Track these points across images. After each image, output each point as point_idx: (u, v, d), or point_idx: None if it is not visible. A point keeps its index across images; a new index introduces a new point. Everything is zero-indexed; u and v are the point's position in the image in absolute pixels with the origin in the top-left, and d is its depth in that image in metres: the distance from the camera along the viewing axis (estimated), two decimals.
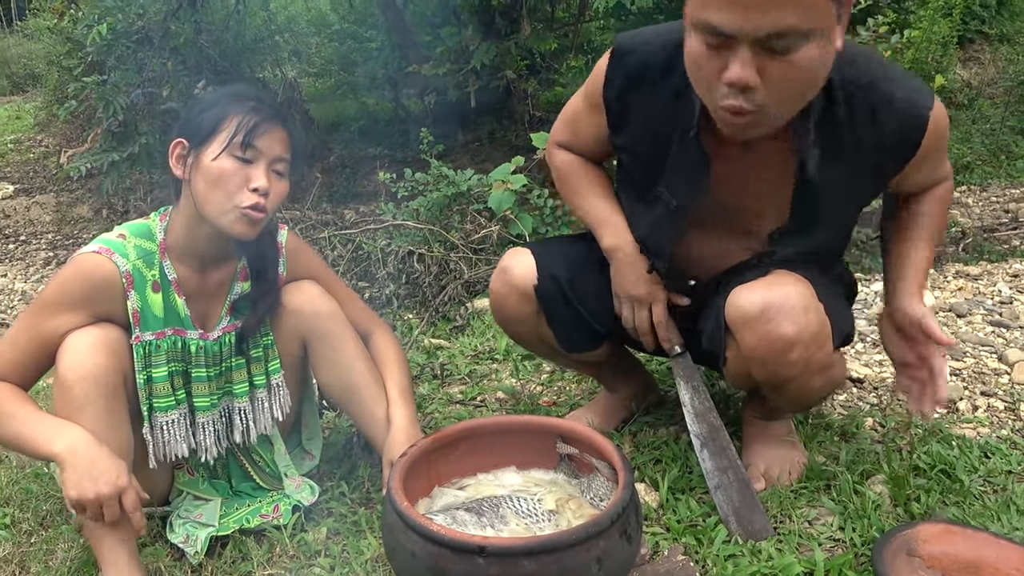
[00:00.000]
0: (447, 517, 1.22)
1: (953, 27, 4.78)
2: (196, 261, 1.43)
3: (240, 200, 1.33)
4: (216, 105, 1.36)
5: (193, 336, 1.44)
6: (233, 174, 1.33)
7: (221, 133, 1.33)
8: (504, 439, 1.36)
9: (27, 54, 9.92)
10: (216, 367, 1.48)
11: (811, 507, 1.43)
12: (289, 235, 1.56)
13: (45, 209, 5.28)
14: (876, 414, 1.76)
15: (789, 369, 1.29)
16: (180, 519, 1.48)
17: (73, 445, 1.23)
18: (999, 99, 5.31)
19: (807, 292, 1.27)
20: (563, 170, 1.56)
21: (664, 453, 1.63)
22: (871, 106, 1.22)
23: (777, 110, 1.12)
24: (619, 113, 1.39)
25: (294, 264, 1.55)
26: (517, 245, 1.57)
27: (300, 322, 1.51)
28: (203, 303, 1.46)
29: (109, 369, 1.30)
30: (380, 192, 4.61)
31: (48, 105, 6.59)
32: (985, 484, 1.47)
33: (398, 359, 1.59)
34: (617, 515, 1.07)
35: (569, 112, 1.52)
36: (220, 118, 1.34)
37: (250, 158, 1.34)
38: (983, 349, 2.09)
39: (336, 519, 1.52)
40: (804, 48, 1.05)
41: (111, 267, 1.34)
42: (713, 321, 1.37)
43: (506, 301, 1.53)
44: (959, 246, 3.31)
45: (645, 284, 1.46)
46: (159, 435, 1.42)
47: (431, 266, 2.94)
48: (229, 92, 1.39)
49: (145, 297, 1.38)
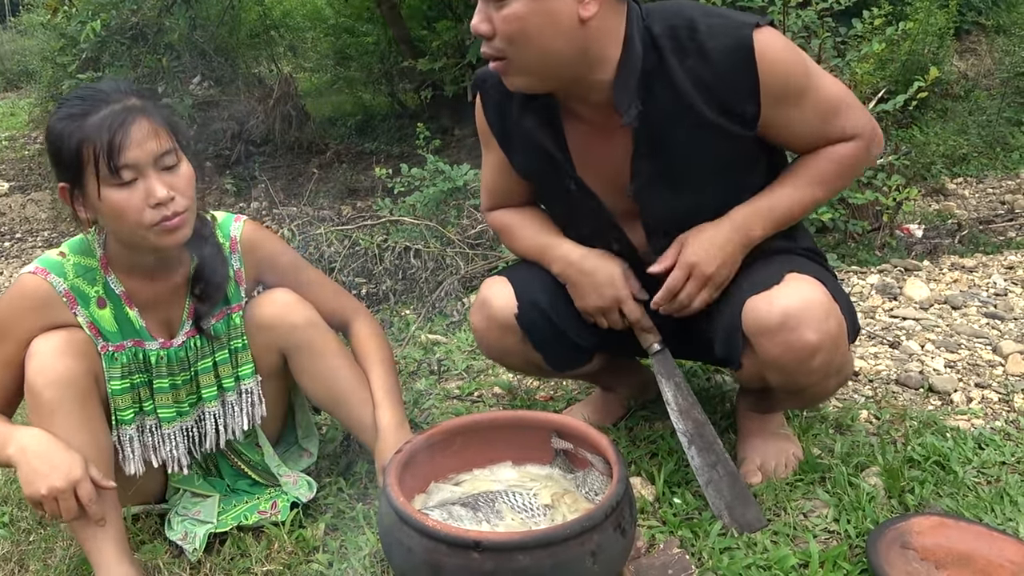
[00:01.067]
0: (443, 512, 1.23)
1: (949, 18, 4.78)
2: (144, 272, 1.38)
3: (147, 220, 1.24)
4: (64, 136, 1.23)
5: (153, 346, 1.40)
6: (126, 202, 1.23)
7: (87, 167, 1.22)
8: (499, 434, 1.37)
9: (21, 50, 9.87)
10: (184, 373, 1.45)
11: (806, 499, 1.43)
12: (246, 227, 1.49)
13: (40, 206, 5.27)
14: (871, 407, 1.77)
15: (809, 376, 1.30)
16: (178, 516, 1.49)
17: (23, 445, 1.23)
18: (995, 90, 5.30)
19: (825, 296, 1.26)
20: (499, 226, 1.58)
21: (660, 447, 1.63)
22: (698, 44, 1.24)
23: (518, 58, 1.24)
24: (504, 134, 1.45)
25: (252, 258, 1.49)
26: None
27: (276, 336, 1.47)
28: (161, 311, 1.42)
29: (78, 370, 1.29)
30: (377, 187, 4.61)
31: (42, 102, 6.55)
32: (979, 476, 1.48)
33: (380, 354, 1.54)
34: (611, 509, 1.08)
35: (483, 176, 1.59)
36: (75, 151, 1.22)
37: (131, 177, 1.23)
38: (978, 341, 2.10)
39: (334, 515, 1.52)
40: (512, 2, 1.19)
41: (47, 287, 1.32)
42: (727, 328, 1.35)
43: (488, 334, 1.50)
44: (955, 238, 3.31)
45: (606, 289, 1.41)
46: (127, 446, 1.40)
47: (428, 261, 2.94)
48: (66, 115, 1.24)
49: (91, 313, 1.35)
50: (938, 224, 3.60)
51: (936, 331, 2.18)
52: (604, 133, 1.35)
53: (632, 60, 1.26)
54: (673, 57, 1.26)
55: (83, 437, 1.27)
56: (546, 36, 1.21)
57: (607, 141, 1.35)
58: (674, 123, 1.28)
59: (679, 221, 1.37)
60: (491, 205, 1.59)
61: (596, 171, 1.39)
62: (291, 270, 1.53)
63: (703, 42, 1.24)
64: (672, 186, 1.34)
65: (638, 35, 1.26)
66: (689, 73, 1.25)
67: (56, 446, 1.23)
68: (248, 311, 1.48)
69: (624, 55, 1.26)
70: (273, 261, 1.52)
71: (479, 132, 1.52)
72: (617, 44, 1.26)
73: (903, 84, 3.75)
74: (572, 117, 1.37)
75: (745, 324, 1.29)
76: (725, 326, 1.35)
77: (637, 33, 1.26)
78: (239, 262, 1.48)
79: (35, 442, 1.24)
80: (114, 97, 1.25)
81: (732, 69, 1.24)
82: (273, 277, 1.52)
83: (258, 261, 1.50)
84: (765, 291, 1.28)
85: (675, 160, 1.32)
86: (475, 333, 1.53)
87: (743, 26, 1.24)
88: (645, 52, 1.26)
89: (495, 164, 1.53)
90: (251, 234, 1.50)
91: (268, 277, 1.52)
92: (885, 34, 3.07)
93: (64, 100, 1.30)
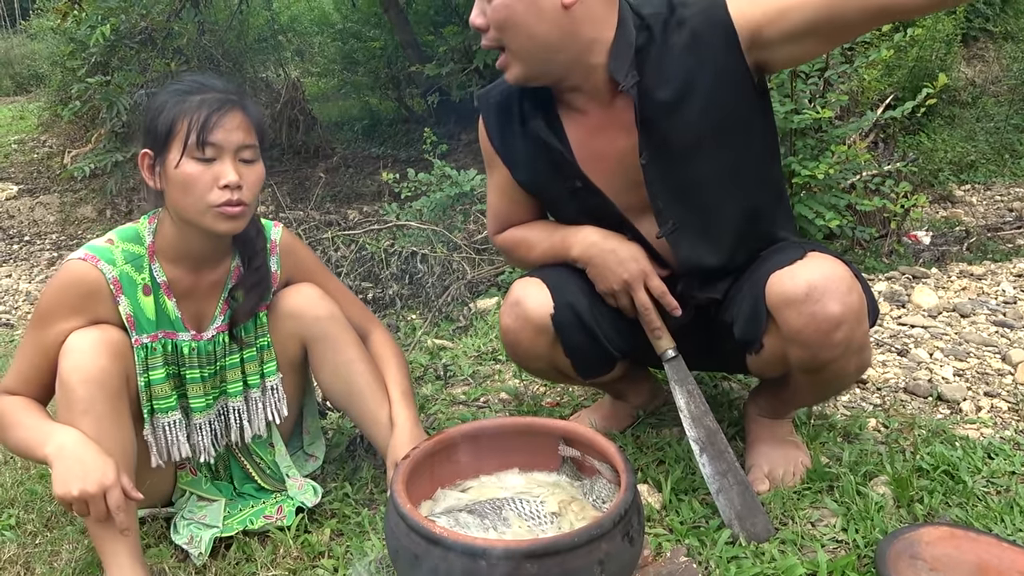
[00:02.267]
0: (450, 519, 1.22)
1: (957, 25, 4.78)
2: (190, 262, 1.43)
3: (213, 199, 1.31)
4: (165, 108, 1.33)
5: (185, 338, 1.44)
6: (199, 176, 1.31)
7: (177, 137, 1.31)
8: (506, 441, 1.37)
9: (31, 55, 9.93)
10: (211, 366, 1.48)
11: (814, 508, 1.43)
12: (284, 233, 1.56)
13: (49, 209, 5.30)
14: (879, 415, 1.76)
15: (832, 350, 1.29)
16: (184, 520, 1.49)
17: (61, 444, 1.25)
18: (1003, 97, 5.29)
19: (846, 271, 1.29)
20: (509, 241, 1.60)
21: (667, 454, 1.63)
22: (679, 18, 1.35)
23: (513, 48, 1.32)
24: (506, 147, 1.50)
25: (288, 262, 1.55)
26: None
27: (299, 325, 1.51)
28: (196, 303, 1.46)
29: (112, 371, 1.31)
30: (383, 192, 4.62)
31: (52, 106, 6.60)
32: (988, 485, 1.47)
33: (397, 359, 1.60)
34: (619, 517, 1.07)
35: (489, 201, 1.62)
36: (172, 121, 1.31)
37: (212, 156, 1.31)
38: (987, 349, 2.09)
39: (340, 520, 1.52)
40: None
41: (97, 274, 1.35)
42: (749, 305, 1.36)
43: (520, 335, 1.48)
44: (963, 245, 3.30)
45: (631, 263, 1.43)
46: (161, 436, 1.43)
47: (434, 266, 2.95)
48: (174, 90, 1.36)
49: (136, 301, 1.38)
50: (946, 231, 3.59)
51: (945, 339, 2.17)
52: (606, 122, 1.40)
53: (626, 38, 1.34)
54: (661, 33, 1.35)
55: (112, 438, 1.29)
56: (531, 22, 1.29)
57: (609, 130, 1.40)
58: (670, 94, 1.34)
59: (687, 193, 1.40)
60: (498, 228, 1.62)
61: (601, 165, 1.42)
62: (318, 277, 1.59)
63: (682, 14, 1.35)
64: (678, 157, 1.37)
65: (630, 18, 1.35)
66: (673, 47, 1.34)
67: (92, 450, 1.25)
68: (274, 301, 1.53)
69: (617, 35, 1.34)
70: (304, 267, 1.58)
71: (484, 154, 1.56)
72: (609, 28, 1.34)
73: (911, 91, 3.74)
74: (573, 113, 1.42)
75: (769, 297, 1.31)
76: (747, 304, 1.37)
77: (629, 17, 1.35)
78: (276, 265, 1.54)
79: (72, 443, 1.25)
80: (220, 87, 1.37)
81: (711, 30, 1.32)
82: (301, 281, 1.57)
83: (292, 265, 1.56)
84: (788, 266, 1.30)
85: (676, 130, 1.36)
86: (505, 334, 1.51)
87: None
88: (637, 32, 1.35)
89: (500, 185, 1.56)
90: (288, 240, 1.56)
91: (296, 281, 1.58)
92: (893, 40, 3.07)
93: (176, 81, 1.42)
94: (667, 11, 1.36)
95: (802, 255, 1.32)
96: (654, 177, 1.39)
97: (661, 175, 1.39)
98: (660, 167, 1.38)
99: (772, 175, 1.49)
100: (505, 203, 1.58)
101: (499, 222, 1.61)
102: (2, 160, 6.37)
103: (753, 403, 1.60)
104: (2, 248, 4.71)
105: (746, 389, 1.87)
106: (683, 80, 1.33)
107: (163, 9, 5.32)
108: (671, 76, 1.34)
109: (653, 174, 1.38)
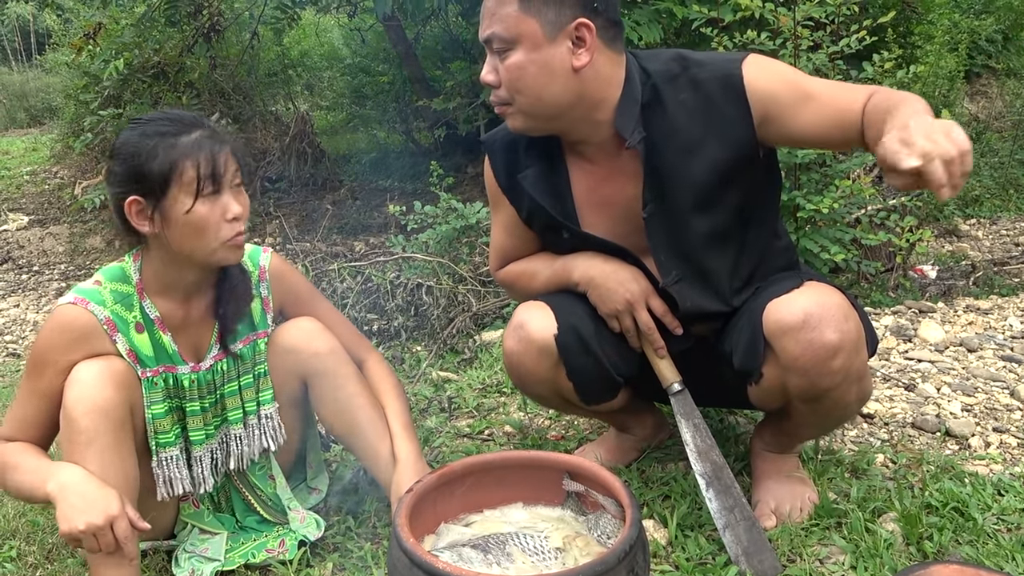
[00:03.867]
0: (453, 554, 1.21)
1: (960, 62, 4.82)
2: (179, 294, 1.43)
3: (224, 235, 1.35)
4: (157, 152, 1.30)
5: (184, 371, 1.44)
6: (210, 216, 1.33)
7: (181, 181, 1.30)
8: (510, 474, 1.35)
9: (45, 88, 10.10)
10: (211, 396, 1.48)
11: (822, 545, 1.41)
12: (273, 258, 1.57)
13: (59, 240, 5.34)
14: (887, 450, 1.74)
15: (831, 378, 1.29)
16: (186, 553, 1.48)
17: (62, 482, 1.24)
18: (1007, 132, 5.32)
19: (843, 300, 1.30)
20: (511, 274, 1.62)
21: (673, 489, 1.61)
22: (690, 76, 1.37)
23: (519, 104, 1.35)
24: (513, 190, 1.51)
25: (279, 288, 1.55)
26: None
27: (299, 361, 1.50)
28: (192, 334, 1.46)
29: (117, 401, 1.31)
30: (390, 224, 4.64)
31: (64, 137, 6.69)
32: (999, 522, 1.45)
33: (396, 390, 1.59)
34: (624, 553, 1.06)
35: (493, 238, 1.64)
36: (170, 166, 1.30)
37: (216, 190, 1.34)
38: (994, 384, 2.07)
39: (342, 554, 1.51)
40: (512, 54, 1.31)
41: (88, 317, 1.35)
42: (748, 335, 1.37)
43: (523, 357, 1.48)
44: (969, 280, 3.29)
45: (632, 284, 1.43)
46: (164, 470, 1.42)
47: (440, 298, 2.95)
48: (153, 132, 1.32)
49: (131, 339, 1.38)
50: (952, 265, 3.58)
51: (952, 374, 2.16)
52: (613, 172, 1.43)
53: (632, 94, 1.37)
54: (669, 90, 1.37)
55: (116, 469, 1.29)
56: (541, 83, 1.32)
57: (617, 179, 1.42)
58: (676, 152, 1.37)
59: (688, 248, 1.42)
60: (500, 264, 1.64)
61: (607, 211, 1.44)
62: (310, 303, 1.59)
63: (695, 74, 1.37)
64: (679, 213, 1.39)
65: (637, 76, 1.38)
66: (682, 105, 1.36)
67: (94, 483, 1.24)
68: (273, 336, 1.53)
69: (624, 91, 1.37)
70: (296, 292, 1.58)
71: (489, 193, 1.58)
72: (616, 86, 1.37)
73: None
74: (580, 161, 1.44)
75: (766, 326, 1.32)
76: (745, 334, 1.37)
77: (637, 74, 1.38)
78: (267, 290, 1.54)
79: (74, 480, 1.25)
80: (191, 119, 1.37)
81: (725, 98, 1.34)
82: (294, 308, 1.58)
83: (284, 291, 1.56)
84: (785, 294, 1.32)
85: (679, 187, 1.38)
86: (508, 357, 1.51)
87: (732, 60, 1.37)
88: (643, 88, 1.38)
89: (505, 223, 1.58)
90: (278, 265, 1.57)
91: (289, 308, 1.58)
92: (896, 77, 3.09)
93: (144, 120, 1.37)
94: (679, 68, 1.38)
95: (799, 284, 1.34)
96: (655, 230, 1.41)
97: (664, 229, 1.41)
98: (662, 221, 1.40)
99: (776, 225, 1.53)
100: (510, 241, 1.60)
101: (502, 258, 1.63)
102: (14, 191, 6.44)
103: (759, 437, 1.59)
104: (11, 278, 4.74)
105: (752, 423, 1.85)
106: (690, 140, 1.36)
107: (175, 44, 5.41)
108: (678, 134, 1.36)
109: (654, 227, 1.41)
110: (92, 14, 5.85)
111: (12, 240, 5.37)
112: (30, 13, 11.81)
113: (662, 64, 1.39)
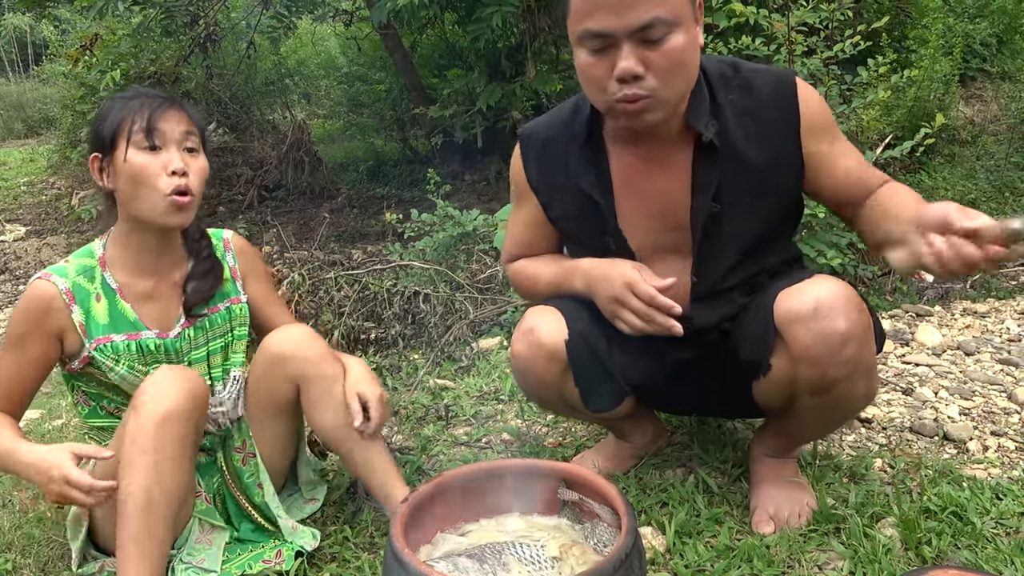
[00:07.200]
0: (449, 564, 1.21)
1: (954, 65, 4.83)
2: (144, 269, 1.49)
3: (163, 187, 1.38)
4: (111, 111, 1.42)
5: (149, 335, 1.48)
6: (148, 165, 1.38)
7: (123, 134, 1.39)
8: (507, 483, 1.35)
9: (42, 98, 10.12)
10: (179, 362, 1.52)
11: (821, 551, 1.40)
12: (235, 235, 1.64)
13: (56, 250, 5.33)
14: (885, 455, 1.74)
15: (840, 368, 1.29)
16: (182, 564, 1.47)
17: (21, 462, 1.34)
18: (1003, 135, 5.33)
19: (852, 292, 1.31)
20: (519, 275, 1.62)
21: (671, 496, 1.61)
22: (744, 80, 1.39)
23: (665, 93, 1.28)
24: (543, 186, 1.51)
25: (244, 260, 1.62)
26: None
27: (291, 367, 1.52)
28: (158, 307, 1.50)
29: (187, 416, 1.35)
30: (387, 232, 4.65)
31: (61, 148, 6.70)
32: (997, 526, 1.44)
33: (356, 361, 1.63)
34: (620, 562, 1.06)
35: (510, 229, 1.63)
36: (118, 121, 1.40)
37: (159, 144, 1.39)
38: (992, 388, 2.07)
39: (339, 564, 1.50)
40: (673, 36, 1.24)
41: (50, 287, 1.43)
42: (758, 325, 1.37)
43: (532, 362, 1.47)
44: (967, 283, 3.29)
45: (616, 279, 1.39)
46: None
47: (437, 306, 2.95)
48: (118, 97, 1.45)
49: (88, 309, 1.45)
50: None
51: (950, 377, 2.15)
52: (660, 165, 1.42)
53: (701, 88, 1.38)
54: (722, 89, 1.38)
55: (172, 479, 1.32)
56: (693, 64, 1.31)
57: (662, 172, 1.42)
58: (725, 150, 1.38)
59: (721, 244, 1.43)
60: (512, 257, 1.63)
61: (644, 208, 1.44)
62: (266, 284, 1.66)
63: (749, 78, 1.39)
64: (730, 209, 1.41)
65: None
66: (736, 106, 1.38)
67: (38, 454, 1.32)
68: (263, 344, 1.56)
69: (698, 82, 1.36)
70: (256, 272, 1.65)
71: (514, 185, 1.57)
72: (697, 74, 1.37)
73: (910, 130, 3.77)
74: (625, 155, 1.44)
75: (777, 315, 1.32)
76: (755, 324, 1.38)
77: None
78: (233, 260, 1.61)
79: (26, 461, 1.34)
80: (160, 95, 1.46)
81: (775, 102, 1.37)
82: (253, 286, 1.64)
83: (247, 265, 1.63)
84: (796, 284, 1.33)
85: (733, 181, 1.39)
86: (516, 361, 1.49)
87: (786, 72, 1.41)
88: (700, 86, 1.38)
89: (527, 218, 1.58)
90: (241, 242, 1.65)
91: (249, 284, 1.63)
92: (890, 81, 3.10)
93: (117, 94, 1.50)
94: (731, 70, 1.39)
95: (809, 276, 1.35)
96: (700, 226, 1.41)
97: (708, 226, 1.41)
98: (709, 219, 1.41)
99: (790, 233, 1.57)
100: (529, 235, 1.59)
101: (516, 250, 1.63)
102: (11, 202, 6.45)
103: (758, 442, 1.58)
104: (8, 289, 4.73)
105: (750, 429, 1.85)
106: (737, 139, 1.37)
107: (172, 55, 5.42)
108: (728, 132, 1.37)
109: (700, 224, 1.41)
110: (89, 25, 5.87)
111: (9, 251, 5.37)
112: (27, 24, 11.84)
113: (715, 65, 1.40)
